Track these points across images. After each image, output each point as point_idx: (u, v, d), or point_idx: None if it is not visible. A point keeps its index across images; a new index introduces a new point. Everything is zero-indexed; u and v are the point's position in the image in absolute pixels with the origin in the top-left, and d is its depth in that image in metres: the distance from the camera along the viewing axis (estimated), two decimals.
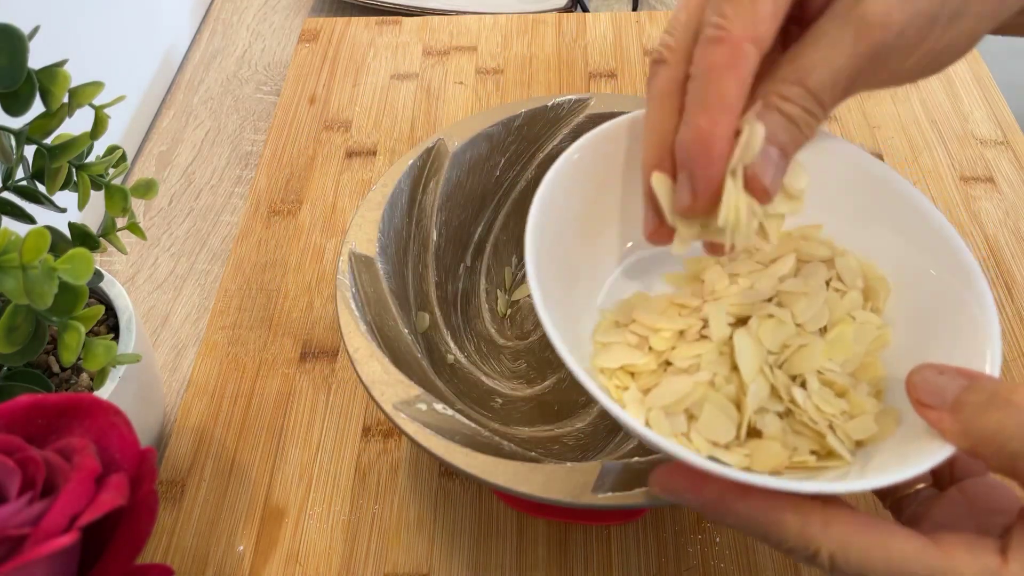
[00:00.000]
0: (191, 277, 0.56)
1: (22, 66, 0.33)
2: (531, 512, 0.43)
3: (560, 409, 0.44)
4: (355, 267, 0.42)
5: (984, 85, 0.65)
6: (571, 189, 0.35)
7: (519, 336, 0.47)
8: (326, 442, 0.46)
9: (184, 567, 0.42)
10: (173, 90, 0.69)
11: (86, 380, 0.41)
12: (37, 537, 0.26)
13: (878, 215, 0.35)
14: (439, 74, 0.68)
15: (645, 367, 0.33)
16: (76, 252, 0.30)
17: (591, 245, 0.37)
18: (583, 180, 0.35)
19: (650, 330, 0.34)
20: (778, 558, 0.42)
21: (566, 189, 0.35)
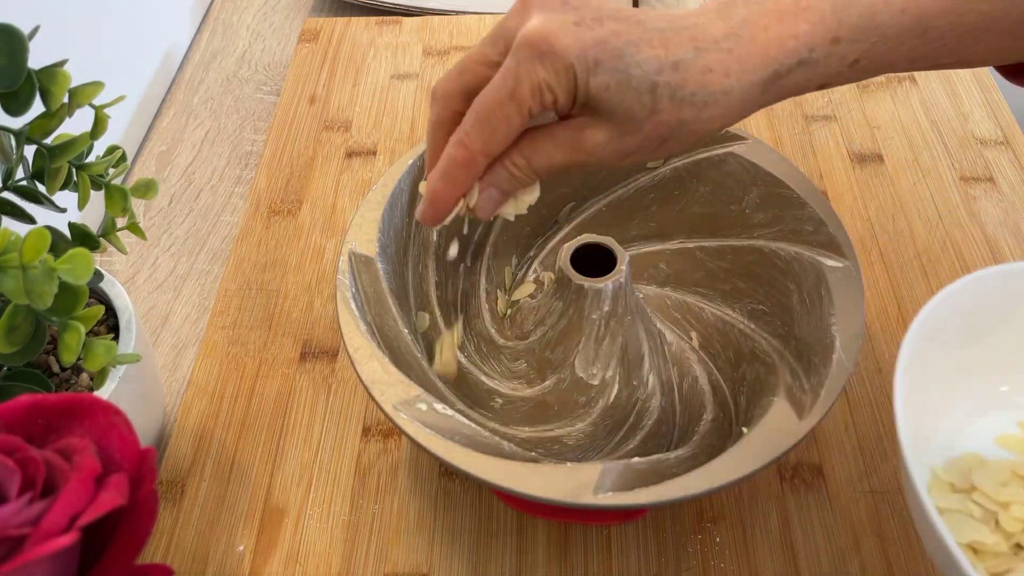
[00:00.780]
0: (191, 277, 0.56)
1: (22, 66, 0.33)
2: (531, 512, 0.43)
3: (560, 409, 0.44)
4: (355, 267, 0.42)
5: (984, 85, 0.65)
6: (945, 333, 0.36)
7: (519, 336, 0.47)
8: (326, 442, 0.46)
9: (184, 567, 0.42)
10: (173, 90, 0.69)
11: (86, 380, 0.41)
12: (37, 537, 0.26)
13: None
14: (439, 74, 0.68)
15: (994, 547, 0.32)
16: (76, 252, 0.30)
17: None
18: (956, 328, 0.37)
19: (997, 505, 0.33)
20: (778, 558, 0.42)
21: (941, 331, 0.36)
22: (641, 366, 0.45)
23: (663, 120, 0.32)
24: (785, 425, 0.36)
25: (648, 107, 0.31)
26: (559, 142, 0.33)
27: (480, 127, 0.32)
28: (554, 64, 0.31)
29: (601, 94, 0.31)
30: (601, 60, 0.31)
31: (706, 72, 0.31)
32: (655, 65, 0.31)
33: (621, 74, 0.31)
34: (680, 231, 0.50)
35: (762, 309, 0.46)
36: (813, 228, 0.43)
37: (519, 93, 0.31)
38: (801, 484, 0.44)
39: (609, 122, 0.32)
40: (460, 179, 0.33)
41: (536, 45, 0.31)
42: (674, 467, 0.37)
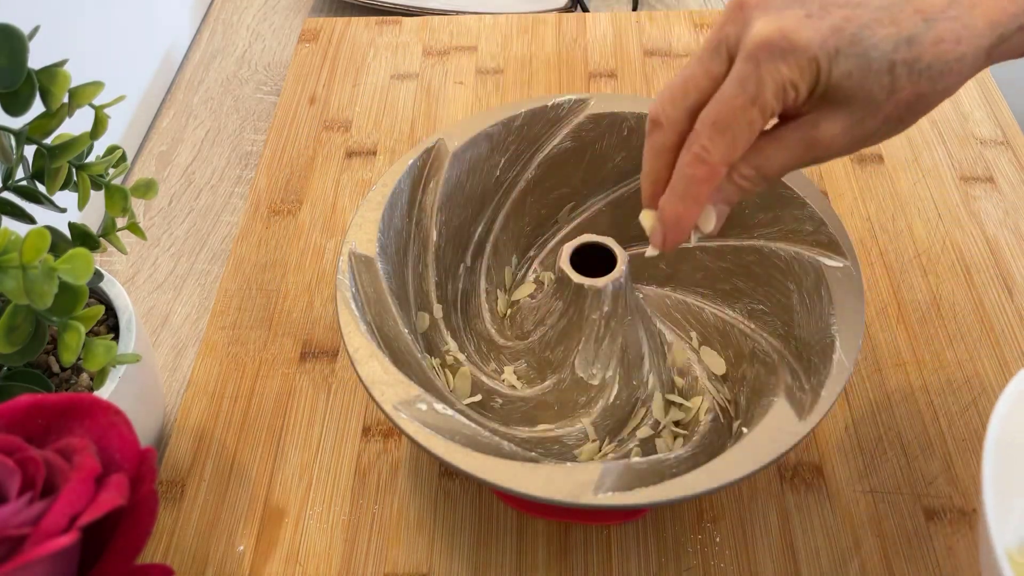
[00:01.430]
0: (191, 277, 0.56)
1: (22, 66, 0.33)
2: (531, 512, 0.43)
3: (560, 409, 0.44)
4: (355, 267, 0.42)
5: (984, 85, 0.65)
6: None
7: (519, 336, 0.47)
8: (326, 442, 0.46)
9: (184, 567, 0.42)
10: (173, 90, 0.69)
11: (86, 380, 0.41)
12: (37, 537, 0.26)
13: None
14: (439, 74, 0.68)
15: None
16: (76, 252, 0.30)
17: None
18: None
19: None
20: (778, 558, 0.42)
21: None
22: (641, 366, 0.45)
23: (902, 98, 0.31)
24: (785, 425, 0.36)
25: (887, 88, 0.31)
26: (790, 144, 0.33)
27: (720, 137, 0.32)
28: (798, 61, 0.30)
29: (843, 83, 0.31)
30: (841, 48, 0.30)
31: (939, 43, 0.31)
32: (891, 44, 0.31)
33: (861, 59, 0.30)
34: None
35: (762, 309, 0.46)
36: (813, 228, 0.43)
37: (763, 96, 0.31)
38: (801, 484, 0.44)
39: (845, 111, 0.32)
40: (701, 195, 0.33)
41: (776, 44, 0.30)
42: (674, 467, 0.37)
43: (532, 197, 0.51)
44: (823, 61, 0.30)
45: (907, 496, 0.44)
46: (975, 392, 0.48)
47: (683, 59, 0.68)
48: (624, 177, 0.50)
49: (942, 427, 0.46)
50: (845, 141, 0.32)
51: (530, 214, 0.51)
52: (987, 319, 0.51)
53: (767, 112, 0.31)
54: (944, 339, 0.50)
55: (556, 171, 0.50)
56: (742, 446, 0.35)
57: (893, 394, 0.48)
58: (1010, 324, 0.51)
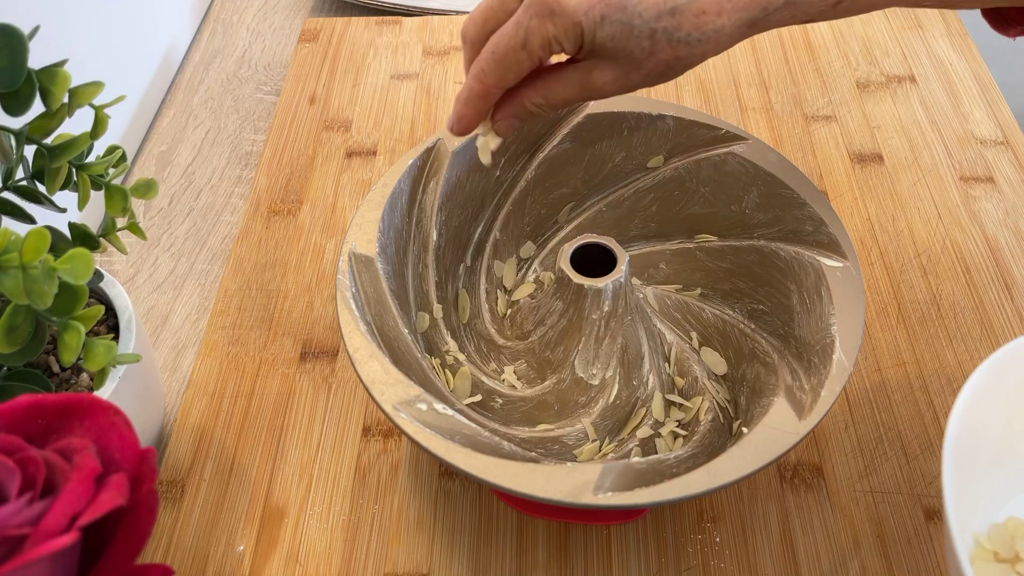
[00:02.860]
0: (191, 277, 0.56)
1: (22, 66, 0.33)
2: (531, 512, 0.43)
3: (560, 409, 0.44)
4: (355, 267, 0.42)
5: (984, 85, 0.65)
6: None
7: (519, 336, 0.47)
8: (326, 442, 0.46)
9: (184, 567, 0.42)
10: (173, 90, 0.69)
11: (86, 380, 0.41)
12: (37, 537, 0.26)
13: None
14: (439, 74, 0.68)
15: None
16: (76, 252, 0.30)
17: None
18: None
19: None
20: (778, 558, 0.42)
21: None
22: (641, 366, 0.45)
23: (661, 59, 0.36)
24: (785, 425, 0.36)
25: (647, 50, 0.35)
26: (570, 81, 0.37)
27: (495, 67, 0.37)
28: (563, 22, 0.35)
29: (606, 43, 0.35)
30: (607, 14, 0.34)
31: (700, 14, 0.34)
32: (654, 12, 0.34)
33: (624, 25, 0.34)
34: (680, 231, 0.50)
35: (762, 309, 0.46)
36: (813, 228, 0.43)
37: (530, 44, 0.36)
38: (801, 484, 0.44)
39: (612, 63, 0.36)
40: (480, 106, 0.39)
41: (547, 3, 0.35)
42: (674, 467, 0.37)
43: (532, 197, 0.51)
44: (587, 25, 0.35)
45: (907, 496, 0.44)
46: None
47: None
48: (624, 177, 0.50)
49: (942, 427, 0.46)
50: (614, 88, 0.37)
51: (530, 214, 0.51)
52: (987, 319, 0.51)
53: (534, 58, 0.36)
54: (944, 339, 0.50)
55: (556, 171, 0.50)
56: (742, 446, 0.35)
57: (893, 394, 0.48)
58: (1010, 324, 0.51)
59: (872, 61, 0.68)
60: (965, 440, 0.35)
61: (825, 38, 0.70)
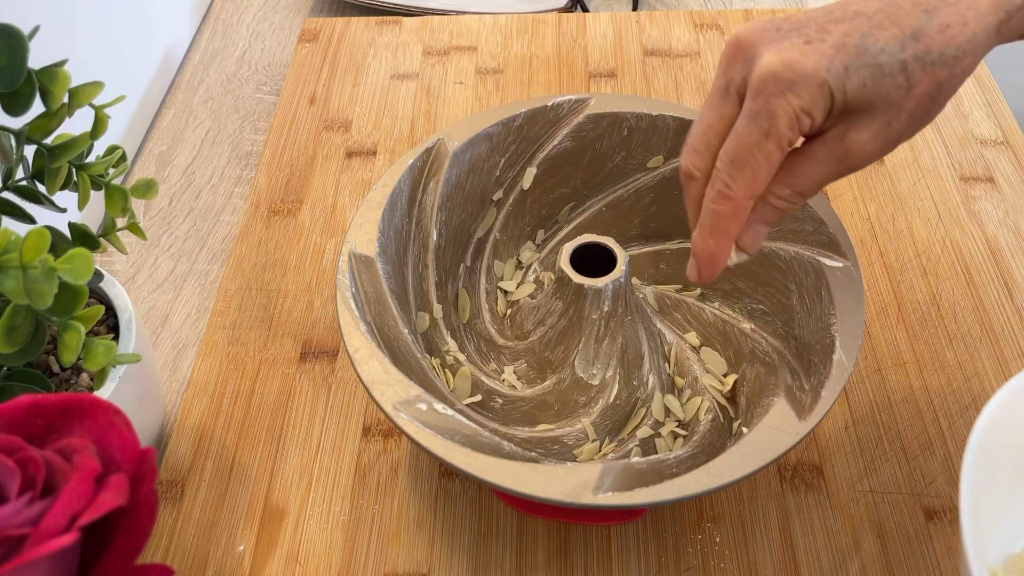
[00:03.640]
0: (191, 277, 0.56)
1: (22, 66, 0.33)
2: (531, 512, 0.43)
3: (560, 409, 0.44)
4: (355, 267, 0.42)
5: (984, 85, 0.65)
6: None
7: (519, 336, 0.47)
8: (326, 442, 0.46)
9: (184, 567, 0.42)
10: (173, 90, 0.69)
11: (86, 380, 0.41)
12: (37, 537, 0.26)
13: None
14: (439, 74, 0.68)
15: None
16: (76, 252, 0.30)
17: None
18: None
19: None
20: (778, 558, 0.42)
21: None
22: (641, 366, 0.45)
23: (921, 92, 0.31)
24: (785, 425, 0.36)
25: (903, 86, 0.31)
26: (821, 159, 0.33)
27: (740, 173, 0.32)
28: (808, 89, 0.31)
29: (859, 94, 0.31)
30: (849, 63, 0.31)
31: (945, 29, 0.31)
32: (897, 44, 0.31)
33: (872, 67, 0.31)
34: (680, 231, 0.50)
35: (762, 309, 0.46)
36: (813, 228, 0.43)
37: (776, 128, 0.31)
38: (801, 484, 0.44)
39: (869, 118, 0.32)
40: (730, 229, 0.33)
41: (782, 76, 0.31)
42: (674, 467, 0.37)
43: (532, 197, 0.51)
44: (834, 82, 0.31)
45: (907, 496, 0.44)
46: (975, 392, 0.48)
47: (683, 59, 0.68)
48: (624, 177, 0.50)
49: (942, 427, 0.46)
50: (876, 146, 0.32)
51: (530, 214, 0.51)
52: (987, 319, 0.51)
53: (783, 143, 0.32)
54: (944, 339, 0.50)
55: (556, 171, 0.50)
56: (742, 446, 0.35)
57: (893, 394, 0.48)
58: (1010, 324, 0.51)
59: None
60: (981, 470, 0.35)
61: None
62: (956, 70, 0.32)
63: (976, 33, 0.31)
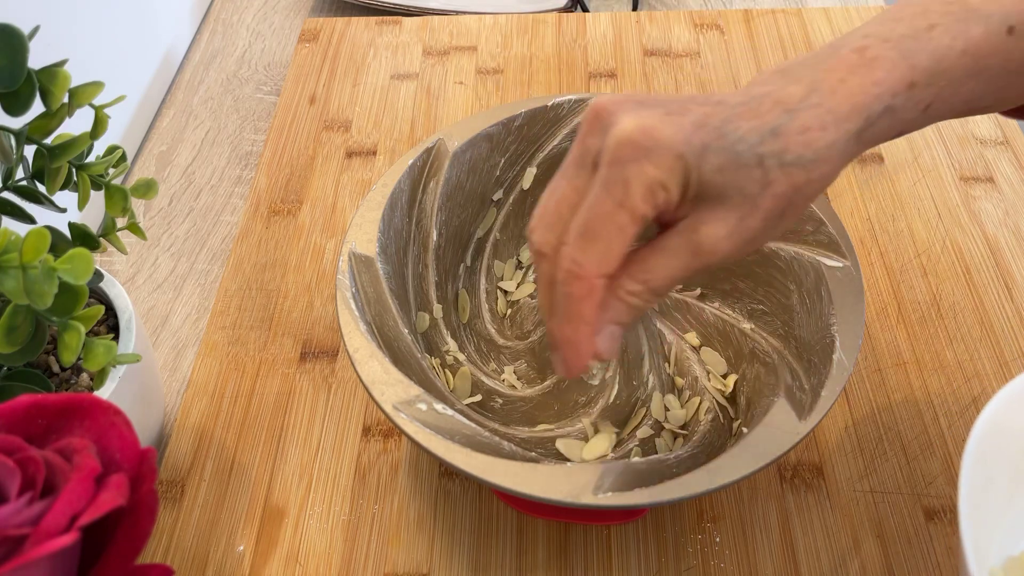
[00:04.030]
0: (191, 277, 0.56)
1: (22, 66, 0.33)
2: (531, 512, 0.43)
3: (560, 409, 0.44)
4: (355, 267, 0.42)
5: None
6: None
7: (519, 336, 0.47)
8: (326, 442, 0.46)
9: (184, 567, 0.42)
10: (173, 90, 0.69)
11: (86, 380, 0.41)
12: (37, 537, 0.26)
13: None
14: (439, 74, 0.68)
15: None
16: (76, 252, 0.30)
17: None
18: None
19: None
20: (778, 558, 0.42)
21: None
22: (641, 366, 0.45)
23: (777, 192, 0.30)
24: (785, 425, 0.36)
25: (759, 181, 0.30)
26: (674, 251, 0.31)
27: (591, 246, 0.30)
28: (664, 158, 0.29)
29: (715, 178, 0.29)
30: (708, 143, 0.29)
31: (804, 131, 0.30)
32: (756, 136, 0.30)
33: (729, 152, 0.29)
34: None
35: (762, 309, 0.46)
36: (813, 228, 0.43)
37: (631, 198, 0.29)
38: (801, 484, 0.44)
39: (723, 210, 0.30)
40: (585, 312, 0.30)
41: (638, 142, 0.29)
42: (674, 467, 0.37)
43: (532, 197, 0.51)
44: (690, 157, 0.29)
45: (907, 496, 0.44)
46: (975, 392, 0.48)
47: (683, 59, 0.68)
48: None
49: (942, 427, 0.46)
50: (731, 244, 0.30)
51: (530, 214, 0.51)
52: (987, 319, 0.51)
53: (637, 215, 0.29)
54: (944, 339, 0.50)
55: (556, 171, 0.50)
56: (742, 446, 0.35)
57: (893, 394, 0.48)
58: (1010, 324, 0.51)
59: None
60: (980, 471, 0.35)
61: (825, 38, 0.70)
62: (814, 175, 0.30)
63: (836, 140, 0.30)
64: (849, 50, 0.31)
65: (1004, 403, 0.36)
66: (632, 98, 0.31)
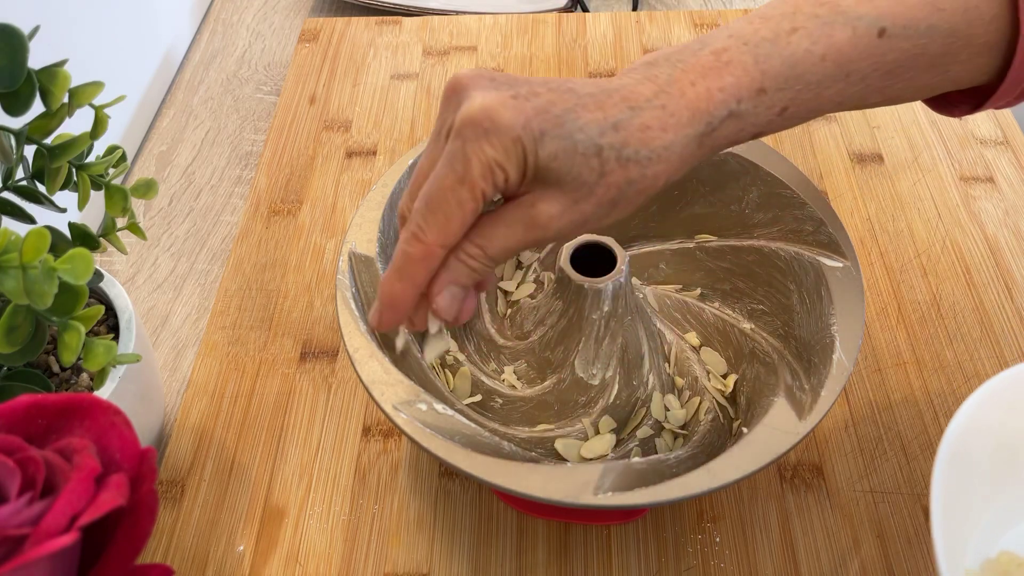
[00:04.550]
0: (191, 277, 0.56)
1: (22, 66, 0.33)
2: (531, 512, 0.43)
3: (560, 409, 0.44)
4: (355, 267, 0.42)
5: None
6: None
7: (519, 336, 0.47)
8: (326, 442, 0.47)
9: (184, 567, 0.42)
10: (173, 90, 0.69)
11: (86, 380, 0.41)
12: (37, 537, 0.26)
13: None
14: (439, 74, 0.68)
15: None
16: (76, 252, 0.30)
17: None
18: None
19: None
20: (778, 558, 0.42)
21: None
22: (641, 366, 0.45)
23: (612, 182, 0.32)
24: (785, 425, 0.36)
25: (596, 170, 0.31)
26: (511, 222, 0.32)
27: (432, 216, 0.31)
28: (501, 140, 0.30)
29: (550, 164, 0.31)
30: (546, 129, 0.31)
31: (645, 129, 0.31)
32: (596, 128, 0.31)
33: (567, 140, 0.31)
34: (680, 231, 0.50)
35: (762, 309, 0.46)
36: (813, 228, 0.43)
37: (470, 175, 0.31)
38: (801, 484, 0.44)
39: (559, 192, 0.32)
40: (418, 275, 0.32)
41: (479, 123, 0.30)
42: (674, 467, 0.37)
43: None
44: (527, 142, 0.30)
45: (907, 496, 0.44)
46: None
47: None
48: None
49: (942, 427, 0.46)
50: (563, 223, 0.32)
51: None
52: (987, 319, 0.51)
53: (476, 192, 0.31)
54: (944, 339, 0.50)
55: None
56: (742, 446, 0.35)
57: (893, 394, 0.48)
58: (1010, 324, 0.51)
59: None
60: (955, 473, 0.35)
61: None
62: (648, 171, 0.32)
63: (674, 142, 0.32)
64: (709, 51, 0.33)
65: (980, 403, 0.36)
66: (487, 75, 0.32)
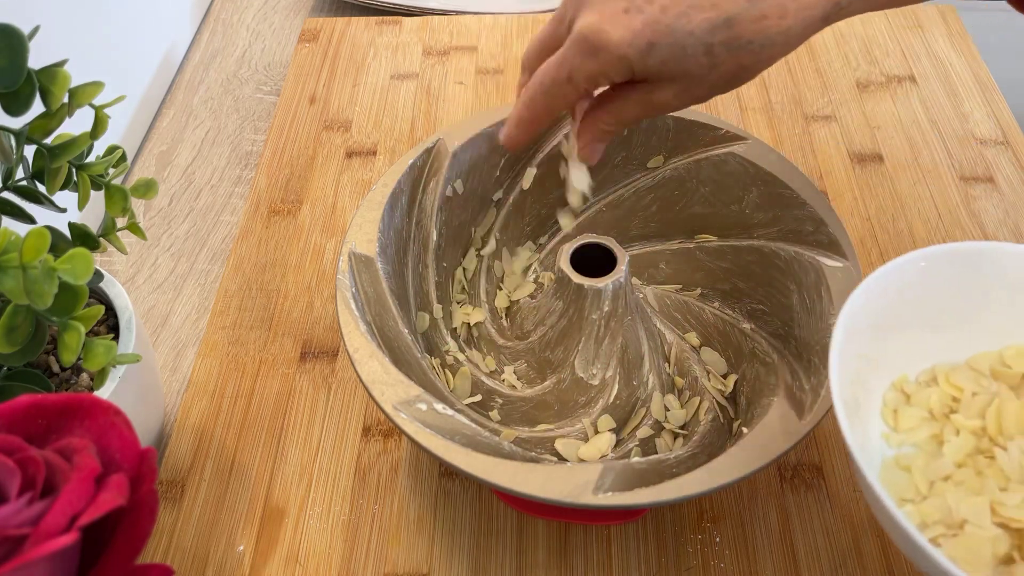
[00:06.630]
0: (191, 277, 0.56)
1: (22, 66, 0.33)
2: (531, 512, 0.43)
3: (560, 409, 0.44)
4: (355, 267, 0.42)
5: (984, 85, 0.65)
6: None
7: (519, 336, 0.47)
8: (326, 442, 0.46)
9: (184, 567, 0.42)
10: (173, 90, 0.69)
11: (86, 380, 0.41)
12: (37, 537, 0.26)
13: None
14: (439, 74, 0.68)
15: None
16: (76, 252, 0.30)
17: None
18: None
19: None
20: (778, 558, 0.42)
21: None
22: (641, 366, 0.45)
23: (724, 71, 0.34)
24: (785, 425, 0.36)
25: (706, 65, 0.34)
26: (635, 101, 0.37)
27: (543, 97, 0.37)
28: (607, 58, 0.34)
29: (661, 68, 0.34)
30: (655, 40, 0.33)
31: (760, 20, 0.33)
32: (707, 27, 0.33)
33: (675, 47, 0.33)
34: (680, 231, 0.50)
35: (762, 309, 0.46)
36: (813, 228, 0.43)
37: (575, 79, 0.36)
38: (801, 484, 0.44)
39: (671, 83, 0.35)
40: (530, 131, 0.40)
41: (589, 40, 0.34)
42: (674, 467, 0.37)
43: (532, 197, 0.51)
44: (634, 57, 0.34)
45: None
46: None
47: None
48: (624, 177, 0.50)
49: None
50: (679, 102, 0.36)
51: (530, 214, 0.51)
52: None
53: (579, 91, 0.36)
54: None
55: (556, 171, 0.50)
56: (742, 446, 0.35)
57: None
58: None
59: (872, 61, 0.68)
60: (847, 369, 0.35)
61: (825, 38, 0.70)
62: (763, 56, 0.34)
63: (793, 26, 0.33)
64: None
65: (865, 294, 0.36)
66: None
